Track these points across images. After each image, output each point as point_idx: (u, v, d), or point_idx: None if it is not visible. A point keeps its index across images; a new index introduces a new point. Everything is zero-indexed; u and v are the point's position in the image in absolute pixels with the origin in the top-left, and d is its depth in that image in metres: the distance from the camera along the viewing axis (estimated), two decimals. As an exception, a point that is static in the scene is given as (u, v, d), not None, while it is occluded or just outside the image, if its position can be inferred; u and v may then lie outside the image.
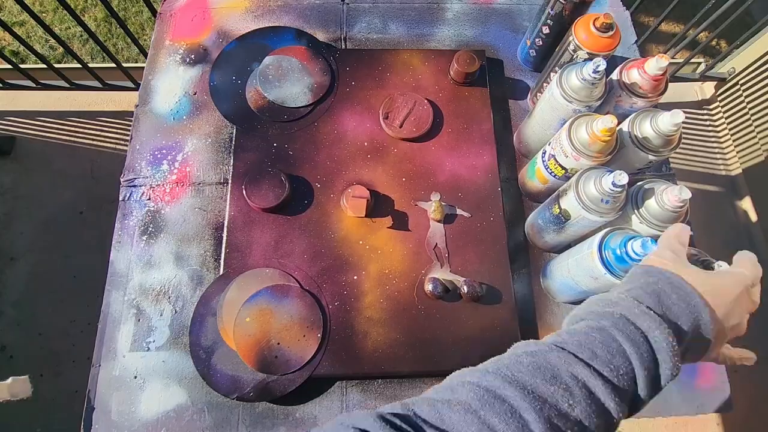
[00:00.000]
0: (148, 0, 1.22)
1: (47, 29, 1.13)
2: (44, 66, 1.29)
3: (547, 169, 0.63)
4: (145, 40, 1.76)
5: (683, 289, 0.40)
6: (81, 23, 1.12)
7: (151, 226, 0.71)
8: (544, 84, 0.74)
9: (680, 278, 0.40)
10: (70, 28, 1.76)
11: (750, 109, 1.52)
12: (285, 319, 0.63)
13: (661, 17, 1.26)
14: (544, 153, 0.63)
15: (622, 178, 0.51)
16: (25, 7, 1.05)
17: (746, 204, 1.54)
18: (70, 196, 1.49)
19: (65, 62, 1.66)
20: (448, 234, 0.70)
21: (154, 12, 1.06)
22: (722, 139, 1.63)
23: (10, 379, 0.28)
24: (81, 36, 1.76)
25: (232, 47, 0.80)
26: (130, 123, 0.77)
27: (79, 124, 1.56)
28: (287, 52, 0.78)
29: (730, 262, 0.49)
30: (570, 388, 0.34)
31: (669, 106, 0.56)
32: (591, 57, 0.63)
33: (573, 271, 0.59)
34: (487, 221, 0.71)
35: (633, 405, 0.36)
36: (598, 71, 0.56)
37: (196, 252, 0.70)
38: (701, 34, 1.34)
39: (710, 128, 1.66)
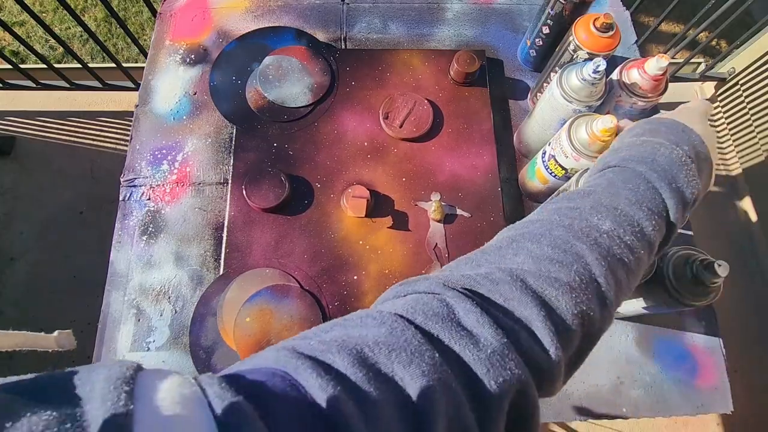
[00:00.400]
0: (148, 0, 1.21)
1: (47, 29, 1.13)
2: (44, 66, 1.29)
3: (547, 169, 0.63)
4: (145, 40, 1.76)
5: (665, 121, 0.41)
6: (81, 23, 1.12)
7: (151, 226, 0.71)
8: (544, 84, 0.74)
9: (654, 118, 0.42)
10: (70, 28, 1.76)
11: (750, 109, 1.52)
12: (285, 319, 0.63)
13: (661, 17, 1.26)
14: (544, 153, 0.63)
15: (622, 178, 0.51)
16: (25, 7, 1.05)
17: (746, 204, 1.54)
18: (70, 196, 1.49)
19: (65, 62, 1.66)
20: (448, 234, 0.70)
21: (154, 12, 1.06)
22: (722, 139, 1.63)
23: (56, 332, 0.30)
24: (81, 36, 1.76)
25: (232, 47, 0.80)
26: (130, 123, 0.77)
27: (79, 124, 1.55)
28: (287, 52, 0.78)
29: (730, 264, 0.49)
30: (595, 207, 0.35)
31: (669, 106, 0.56)
32: (591, 57, 0.63)
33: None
34: (487, 221, 0.71)
35: (668, 221, 0.37)
36: (598, 71, 0.56)
37: (196, 252, 0.70)
38: (701, 34, 1.34)
39: (710, 128, 1.65)
